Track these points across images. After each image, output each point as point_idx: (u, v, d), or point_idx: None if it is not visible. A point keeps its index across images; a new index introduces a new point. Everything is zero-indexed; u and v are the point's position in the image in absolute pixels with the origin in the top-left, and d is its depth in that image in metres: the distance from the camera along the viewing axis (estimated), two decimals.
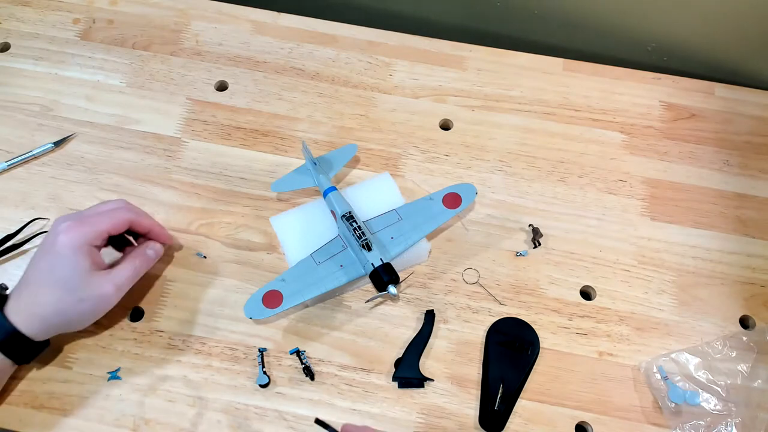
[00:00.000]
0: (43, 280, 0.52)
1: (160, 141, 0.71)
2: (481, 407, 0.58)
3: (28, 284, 0.53)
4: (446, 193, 0.65)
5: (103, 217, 0.55)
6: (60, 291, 0.52)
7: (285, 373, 0.59)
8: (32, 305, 0.52)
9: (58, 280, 0.52)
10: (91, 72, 0.75)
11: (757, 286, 0.66)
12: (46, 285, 0.52)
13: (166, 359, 0.59)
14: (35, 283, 0.53)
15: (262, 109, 0.74)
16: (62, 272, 0.52)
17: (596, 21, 0.81)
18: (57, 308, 0.52)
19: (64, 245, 0.52)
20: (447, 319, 0.63)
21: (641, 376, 0.61)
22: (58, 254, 0.52)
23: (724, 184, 0.72)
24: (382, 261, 0.59)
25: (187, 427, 0.56)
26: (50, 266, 0.52)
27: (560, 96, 0.77)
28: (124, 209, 0.57)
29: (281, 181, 0.68)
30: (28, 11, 0.78)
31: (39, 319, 0.52)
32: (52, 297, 0.52)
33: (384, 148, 0.72)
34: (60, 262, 0.52)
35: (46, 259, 0.53)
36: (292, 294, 0.59)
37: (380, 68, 0.77)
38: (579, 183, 0.71)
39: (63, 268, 0.52)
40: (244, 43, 0.78)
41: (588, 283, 0.65)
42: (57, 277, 0.52)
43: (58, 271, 0.52)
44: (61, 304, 0.52)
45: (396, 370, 0.59)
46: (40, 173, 0.68)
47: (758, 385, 0.60)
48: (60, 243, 0.52)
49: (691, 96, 0.78)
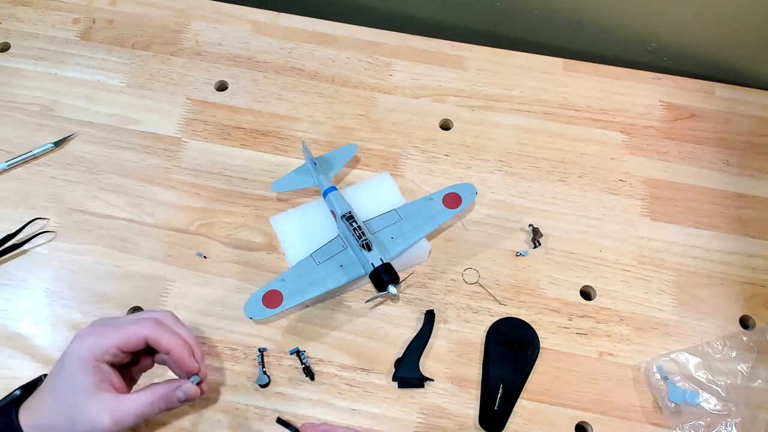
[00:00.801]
0: (48, 389, 0.48)
1: (160, 141, 0.71)
2: (481, 407, 0.58)
3: (42, 389, 0.48)
4: (446, 193, 0.65)
5: (120, 329, 0.48)
6: (57, 405, 0.46)
7: (285, 373, 0.59)
8: (35, 413, 0.47)
9: (57, 392, 0.47)
10: (91, 72, 0.75)
11: (757, 286, 0.66)
12: (49, 395, 0.47)
13: None
14: (44, 389, 0.48)
15: (262, 109, 0.74)
16: (62, 385, 0.47)
17: (596, 21, 0.81)
18: (53, 423, 0.46)
19: (71, 355, 0.47)
20: (447, 319, 0.63)
21: (641, 376, 0.61)
22: (63, 364, 0.47)
23: (724, 184, 0.72)
24: (382, 261, 0.59)
25: (187, 427, 0.56)
26: (56, 375, 0.47)
27: (560, 96, 0.77)
28: (147, 323, 0.49)
29: (281, 181, 0.68)
30: (28, 11, 0.78)
31: (39, 429, 0.46)
32: (51, 410, 0.47)
33: (384, 148, 0.72)
34: (63, 374, 0.47)
35: (57, 366, 0.48)
36: (292, 294, 0.58)
37: (380, 68, 0.77)
38: (579, 183, 0.71)
39: (63, 381, 0.47)
40: (244, 43, 0.78)
41: (588, 283, 0.65)
42: (57, 389, 0.47)
43: (60, 383, 0.47)
44: (56, 419, 0.46)
45: (396, 370, 0.59)
46: (40, 173, 0.68)
47: (758, 385, 0.60)
48: (69, 352, 0.47)
49: (691, 96, 0.78)
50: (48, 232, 0.64)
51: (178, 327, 0.51)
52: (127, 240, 0.65)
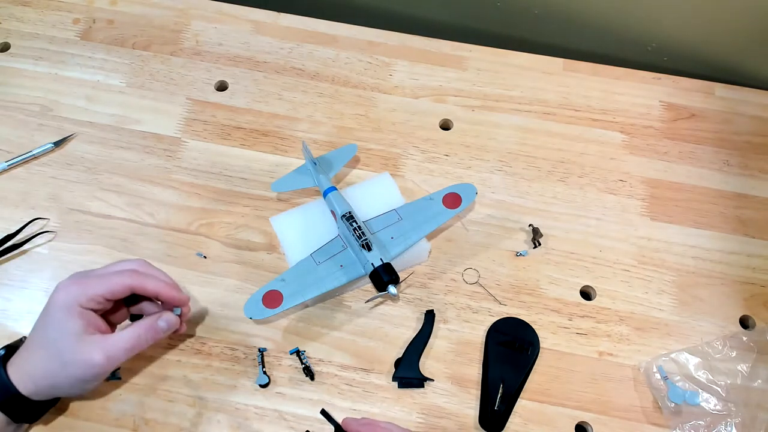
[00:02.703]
0: (36, 340, 0.50)
1: (160, 141, 0.71)
2: (481, 407, 0.58)
3: (28, 343, 0.51)
4: (446, 193, 0.65)
5: (103, 279, 0.50)
6: (48, 352, 0.49)
7: (285, 373, 0.59)
8: (26, 364, 0.49)
9: (46, 341, 0.49)
10: (91, 72, 0.75)
11: (757, 286, 0.66)
12: (38, 345, 0.50)
13: (166, 359, 0.59)
14: (31, 341, 0.50)
15: (262, 109, 0.74)
16: (51, 333, 0.49)
17: (596, 21, 0.81)
18: (45, 370, 0.49)
19: (56, 304, 0.49)
20: (447, 319, 0.63)
21: (641, 376, 0.61)
22: (48, 313, 0.50)
23: (724, 184, 0.72)
24: (382, 261, 0.59)
25: (187, 427, 0.56)
26: (43, 325, 0.50)
27: (560, 96, 0.77)
28: (128, 273, 0.51)
29: (281, 181, 0.68)
30: (28, 11, 0.78)
31: (31, 379, 0.49)
32: (41, 358, 0.49)
33: (384, 148, 0.72)
34: (50, 322, 0.49)
35: (41, 318, 0.50)
36: (292, 294, 0.58)
37: (380, 68, 0.77)
38: (579, 183, 0.71)
39: (52, 328, 0.49)
40: (244, 43, 0.78)
41: (588, 283, 0.65)
42: (47, 337, 0.49)
43: (49, 331, 0.49)
44: (49, 366, 0.49)
45: (396, 370, 0.59)
46: (40, 173, 0.68)
47: (758, 385, 0.60)
48: (53, 301, 0.50)
49: (691, 96, 0.78)
50: (48, 232, 0.64)
51: (156, 271, 0.54)
52: (127, 240, 0.65)
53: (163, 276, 0.54)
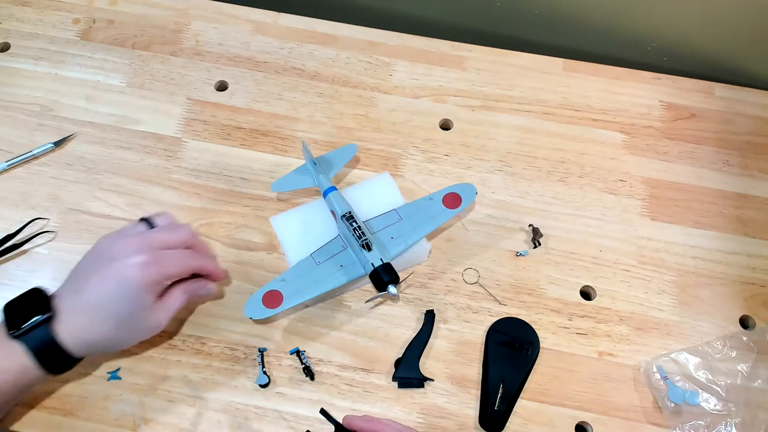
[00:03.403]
0: (105, 311, 0.51)
1: (160, 141, 0.71)
2: (481, 407, 0.59)
3: (88, 309, 0.51)
4: (446, 193, 0.65)
5: (176, 262, 0.54)
6: (120, 324, 0.52)
7: (285, 373, 0.59)
8: (88, 333, 0.51)
9: (120, 315, 0.51)
10: (91, 72, 0.75)
11: (757, 286, 0.66)
12: (108, 317, 0.51)
13: (166, 359, 0.59)
14: (96, 311, 0.51)
15: (262, 109, 0.74)
16: (127, 308, 0.51)
17: (596, 21, 0.81)
18: (111, 338, 0.52)
19: (136, 283, 0.51)
20: (447, 319, 0.63)
21: (641, 376, 0.61)
22: (126, 288, 0.51)
23: (724, 184, 0.72)
24: (382, 261, 0.59)
25: (187, 427, 0.56)
26: (116, 298, 0.51)
27: (560, 96, 0.77)
28: (195, 256, 0.56)
29: (281, 181, 0.68)
30: (28, 11, 0.78)
31: (88, 344, 0.52)
32: (110, 329, 0.52)
33: (384, 148, 0.72)
34: (127, 298, 0.51)
35: (113, 290, 0.51)
36: (292, 294, 0.59)
37: (380, 68, 0.77)
38: (579, 183, 0.71)
39: (129, 303, 0.51)
40: (244, 43, 0.78)
41: (588, 283, 0.65)
42: (121, 310, 0.51)
43: (124, 305, 0.51)
44: (117, 335, 0.53)
45: (396, 370, 0.59)
46: (40, 173, 0.68)
47: (758, 385, 0.60)
48: (132, 279, 0.51)
49: (691, 96, 0.78)
50: (48, 232, 0.64)
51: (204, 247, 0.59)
52: None
53: (209, 251, 0.60)
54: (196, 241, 0.58)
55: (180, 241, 0.56)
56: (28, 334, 0.49)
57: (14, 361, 0.49)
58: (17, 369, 0.49)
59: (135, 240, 0.53)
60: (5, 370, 0.49)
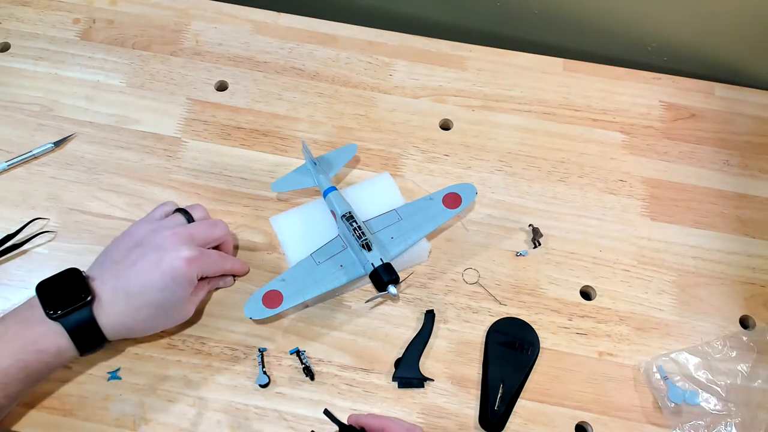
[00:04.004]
0: (147, 300, 0.53)
1: (160, 141, 0.71)
2: (481, 407, 0.59)
3: (130, 295, 0.52)
4: (446, 193, 0.65)
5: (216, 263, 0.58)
6: (158, 313, 0.54)
7: (285, 373, 0.59)
8: (127, 318, 0.53)
9: (160, 304, 0.53)
10: (91, 72, 0.75)
11: (757, 286, 0.66)
12: (149, 305, 0.53)
13: (166, 359, 0.59)
14: (139, 297, 0.53)
15: (262, 109, 0.74)
16: (171, 297, 0.54)
17: (596, 21, 0.81)
18: (146, 325, 0.55)
19: (183, 276, 0.53)
20: (447, 319, 0.63)
21: (641, 376, 0.61)
22: (174, 280, 0.53)
23: (724, 184, 0.72)
24: (382, 261, 0.59)
25: (187, 427, 0.56)
26: (162, 287, 0.52)
27: (560, 96, 0.77)
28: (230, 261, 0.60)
29: (281, 181, 0.68)
30: (28, 11, 0.78)
31: (126, 328, 0.54)
32: (148, 317, 0.54)
33: (384, 148, 0.72)
34: (173, 288, 0.53)
35: (159, 279, 0.52)
36: (292, 294, 0.59)
37: (380, 68, 0.77)
38: (579, 183, 0.71)
39: (174, 294, 0.53)
40: (244, 43, 0.78)
41: (588, 283, 0.65)
42: (164, 300, 0.53)
43: (168, 296, 0.53)
44: (152, 323, 0.55)
45: (396, 370, 0.59)
46: (40, 173, 0.68)
47: (758, 385, 0.60)
48: (180, 272, 0.53)
49: (691, 96, 0.78)
50: (48, 232, 0.64)
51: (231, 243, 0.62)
52: None
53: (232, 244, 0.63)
54: (229, 239, 0.61)
55: (218, 238, 0.59)
56: (69, 315, 0.50)
57: (53, 341, 0.50)
58: (54, 350, 0.51)
59: (180, 233, 0.55)
60: (43, 351, 0.50)
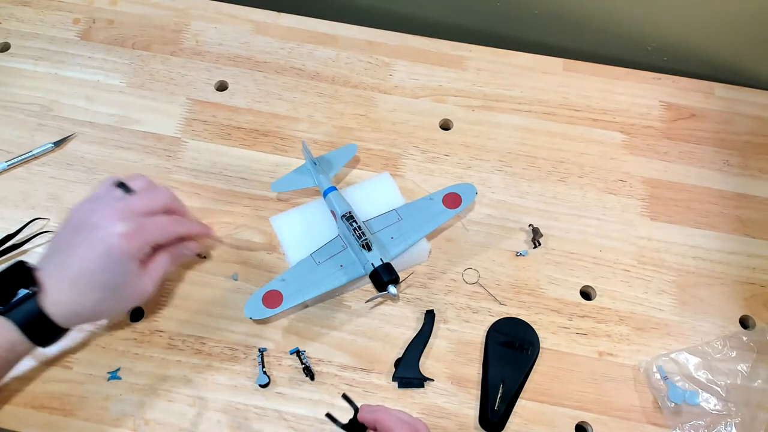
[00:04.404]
0: (92, 282, 0.51)
1: (160, 141, 0.71)
2: (481, 407, 0.59)
3: (74, 280, 0.51)
4: (446, 193, 0.65)
5: (161, 230, 0.54)
6: (107, 294, 0.52)
7: (285, 373, 0.59)
8: (75, 304, 0.51)
9: (108, 285, 0.52)
10: (91, 72, 0.75)
11: (757, 286, 0.66)
12: (95, 288, 0.51)
13: (166, 359, 0.59)
14: (82, 282, 0.51)
15: (262, 109, 0.74)
16: (114, 277, 0.51)
17: (596, 21, 0.81)
18: (98, 308, 0.53)
19: (122, 253, 0.51)
20: (447, 319, 0.63)
21: (641, 376, 0.61)
22: (112, 259, 0.51)
23: (724, 184, 0.72)
24: (382, 261, 0.59)
25: (187, 427, 0.56)
26: (102, 268, 0.51)
27: (560, 96, 0.77)
28: (179, 222, 0.56)
29: (281, 181, 0.68)
30: (28, 11, 0.78)
31: (77, 315, 0.52)
32: (97, 299, 0.52)
33: (384, 148, 0.72)
34: (114, 268, 0.51)
35: (98, 261, 0.51)
36: (292, 294, 0.59)
37: (380, 68, 0.77)
38: (579, 183, 0.71)
39: (116, 273, 0.51)
40: (244, 43, 0.78)
41: (588, 283, 0.65)
42: (108, 281, 0.51)
43: (111, 276, 0.51)
44: (104, 305, 0.53)
45: (396, 370, 0.59)
46: (40, 173, 0.68)
47: (758, 385, 0.60)
48: (118, 249, 0.50)
49: (691, 96, 0.78)
50: (48, 232, 0.64)
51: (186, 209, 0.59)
52: None
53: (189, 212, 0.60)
54: (176, 204, 0.57)
55: (161, 205, 0.55)
56: (15, 309, 0.50)
57: (3, 336, 0.50)
58: (6, 345, 0.50)
59: (116, 207, 0.52)
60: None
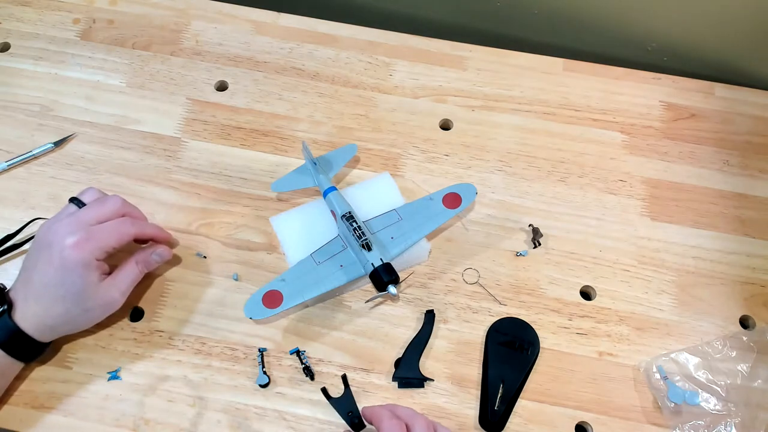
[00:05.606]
0: (53, 295, 0.53)
1: (160, 141, 0.71)
2: (481, 407, 0.59)
3: (39, 297, 0.53)
4: (446, 193, 0.65)
5: (112, 232, 0.55)
6: (70, 304, 0.54)
7: (285, 373, 0.59)
8: (44, 318, 0.53)
9: (67, 295, 0.53)
10: (91, 72, 0.75)
11: (757, 286, 0.66)
12: (57, 299, 0.53)
13: (166, 359, 0.59)
14: (45, 296, 0.53)
15: (262, 109, 0.74)
16: (73, 288, 0.53)
17: (596, 21, 0.81)
18: (66, 319, 0.54)
19: (75, 262, 0.52)
20: (447, 319, 0.63)
21: (641, 376, 0.61)
22: (67, 270, 0.53)
23: (724, 184, 0.72)
24: (382, 261, 0.59)
25: (187, 427, 0.56)
26: (60, 281, 0.53)
27: (560, 96, 0.77)
28: (129, 222, 0.57)
29: (281, 181, 0.68)
30: (28, 11, 0.78)
31: (48, 327, 0.54)
32: (63, 311, 0.54)
33: (384, 148, 0.72)
34: (70, 279, 0.53)
35: (55, 274, 0.53)
36: (292, 294, 0.59)
37: (380, 68, 0.77)
38: (579, 183, 0.71)
39: (73, 284, 0.53)
40: (244, 43, 0.78)
41: (588, 283, 0.65)
42: (67, 292, 0.53)
43: (69, 287, 0.53)
44: (70, 314, 0.54)
45: (396, 370, 0.59)
46: (40, 173, 0.68)
47: (758, 385, 0.60)
48: (70, 260, 0.52)
49: (691, 96, 0.78)
50: None
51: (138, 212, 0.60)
52: None
53: (143, 216, 0.61)
54: (128, 209, 0.59)
55: (111, 212, 0.57)
56: None
57: None
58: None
59: (67, 221, 0.54)
60: None
